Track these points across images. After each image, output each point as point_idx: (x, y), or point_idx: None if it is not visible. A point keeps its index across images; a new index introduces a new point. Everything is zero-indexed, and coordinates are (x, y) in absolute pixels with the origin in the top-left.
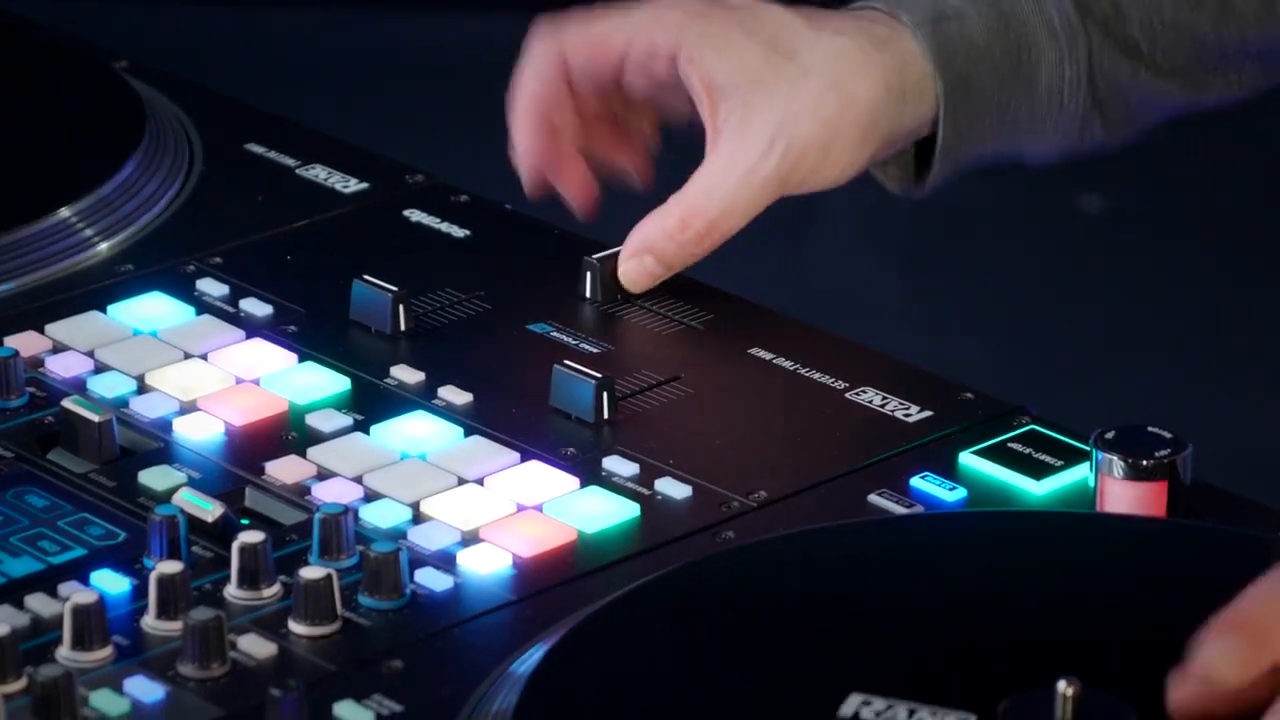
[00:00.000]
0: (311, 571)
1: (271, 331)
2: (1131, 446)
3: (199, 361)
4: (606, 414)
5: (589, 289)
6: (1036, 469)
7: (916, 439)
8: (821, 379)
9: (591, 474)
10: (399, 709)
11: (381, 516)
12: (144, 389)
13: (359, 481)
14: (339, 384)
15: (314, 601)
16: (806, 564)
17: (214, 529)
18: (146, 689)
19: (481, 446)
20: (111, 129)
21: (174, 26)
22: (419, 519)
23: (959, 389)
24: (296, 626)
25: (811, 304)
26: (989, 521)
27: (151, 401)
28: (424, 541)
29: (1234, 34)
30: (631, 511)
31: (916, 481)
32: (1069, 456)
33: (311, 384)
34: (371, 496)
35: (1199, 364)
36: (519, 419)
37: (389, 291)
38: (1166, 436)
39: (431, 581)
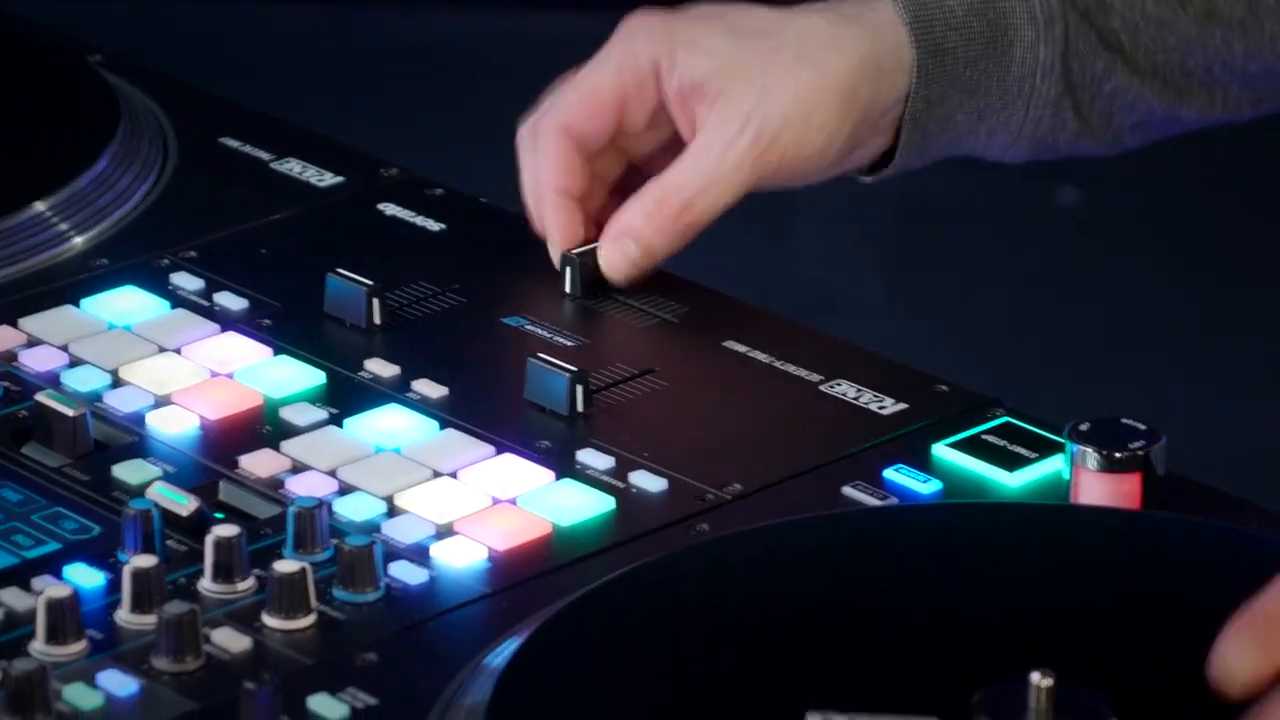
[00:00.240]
0: (286, 565)
1: (246, 325)
2: (1105, 439)
3: (173, 355)
4: (581, 407)
5: (568, 284)
6: (1011, 461)
7: (891, 431)
8: (796, 372)
9: (566, 467)
10: (373, 702)
11: (356, 510)
12: (118, 383)
13: (333, 475)
14: (313, 377)
15: (288, 595)
16: (781, 556)
17: (188, 523)
18: (120, 683)
19: (456, 440)
20: (86, 123)
21: (148, 21)
22: (393, 512)
23: (933, 381)
24: (271, 620)
25: (792, 297)
26: (963, 513)
27: (126, 395)
28: (398, 535)
29: (1218, 44)
30: (606, 504)
31: (890, 474)
32: (1043, 449)
33: (286, 377)
34: (346, 490)
35: (1175, 357)
36: (493, 412)
37: (363, 285)
38: (1141, 429)
39: (406, 575)
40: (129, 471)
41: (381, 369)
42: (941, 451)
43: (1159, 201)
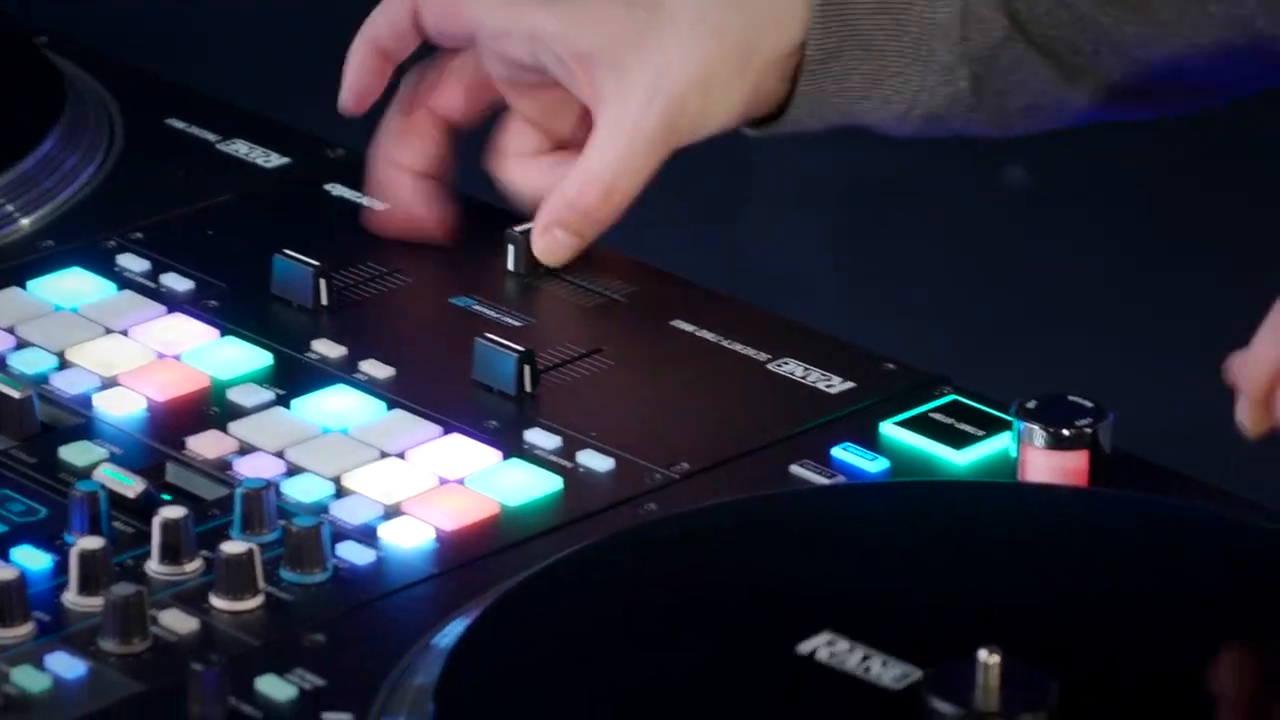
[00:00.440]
0: (233, 546)
1: (193, 306)
2: (1052, 416)
3: (120, 337)
4: (529, 387)
5: (511, 261)
6: (958, 439)
7: (838, 410)
8: (744, 351)
9: (514, 447)
10: (321, 683)
11: (303, 491)
12: (65, 365)
13: (281, 456)
14: (260, 359)
15: (236, 576)
16: (729, 536)
17: (135, 504)
18: (68, 665)
19: (403, 420)
20: (32, 104)
21: (94, 3)
22: (341, 493)
23: (881, 360)
24: (218, 601)
25: (741, 277)
26: (911, 491)
27: (72, 377)
28: (346, 515)
29: (1110, 24)
30: (554, 484)
31: (838, 452)
32: (990, 426)
33: (233, 359)
34: (293, 471)
35: (1122, 335)
36: (441, 392)
37: (310, 266)
38: (1088, 406)
39: (353, 555)
40: (76, 453)
41: (329, 350)
42: (889, 430)
43: (1105, 181)
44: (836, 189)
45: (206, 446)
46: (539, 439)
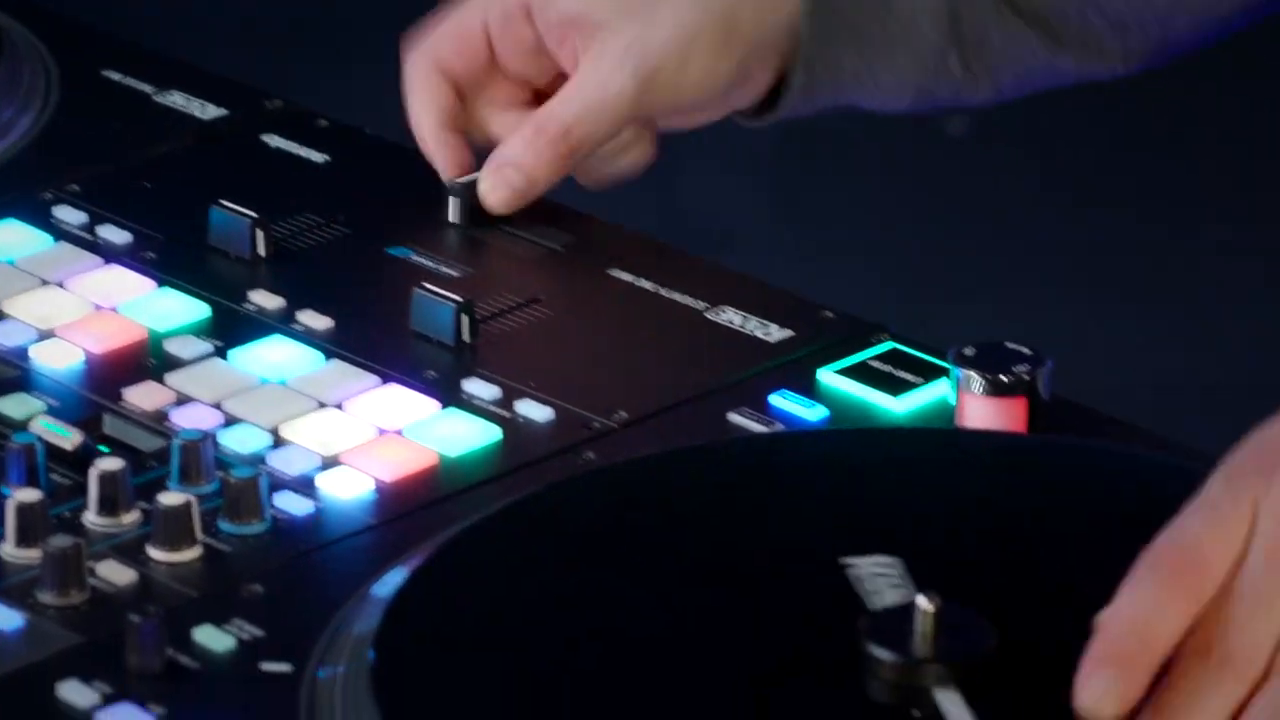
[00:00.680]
0: (171, 498)
1: (129, 258)
2: (990, 363)
3: (56, 289)
4: (467, 337)
5: (453, 214)
6: (896, 386)
7: (777, 358)
8: (682, 300)
9: (452, 397)
10: (260, 634)
11: (241, 442)
12: (1, 317)
13: (218, 407)
14: (198, 310)
15: (173, 527)
16: (667, 484)
17: (72, 456)
18: (5, 617)
19: (341, 371)
20: None
21: None
22: (279, 444)
23: (819, 308)
24: (156, 553)
25: (680, 226)
26: (849, 439)
27: (9, 329)
28: (284, 466)
29: None
30: (493, 434)
31: (776, 400)
32: (928, 374)
33: (170, 310)
34: (231, 422)
35: (1060, 282)
36: (379, 343)
37: (248, 217)
38: (1025, 353)
39: (292, 506)
40: (12, 405)
41: (266, 301)
42: (827, 378)
43: (1046, 129)
44: (774, 137)
45: (144, 398)
46: (477, 389)
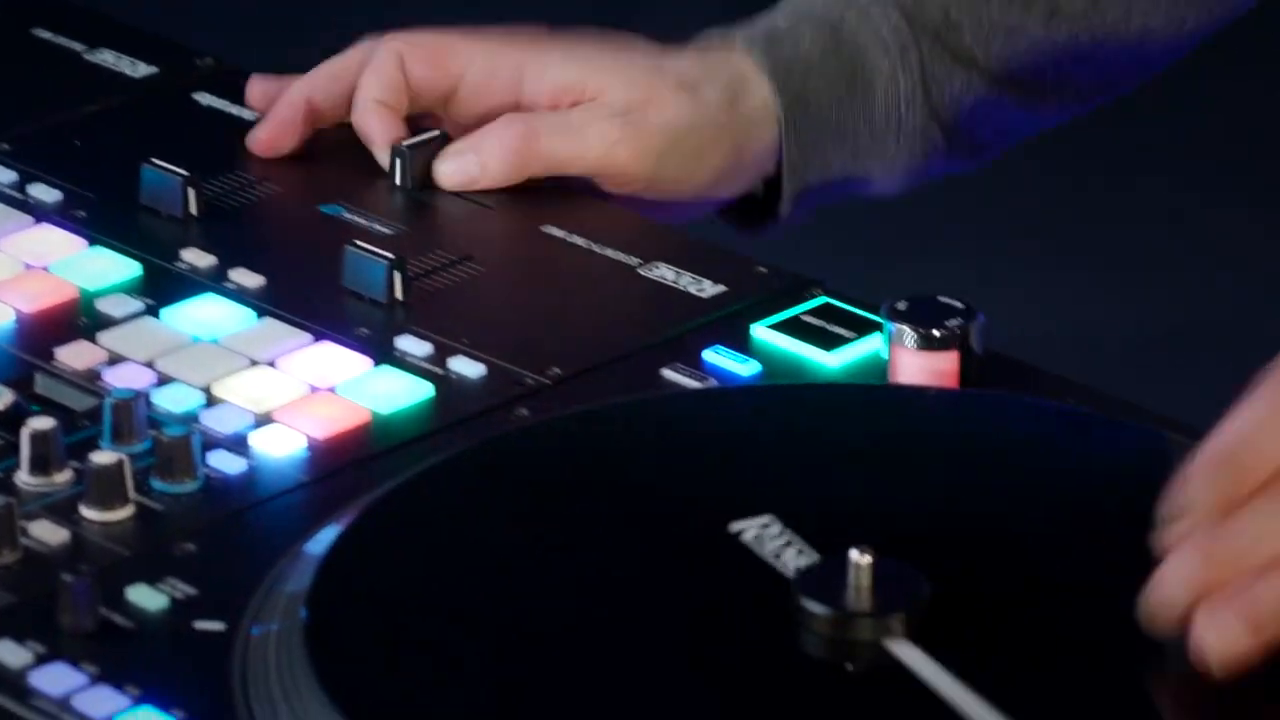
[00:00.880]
0: (103, 457)
1: (60, 217)
2: (923, 317)
3: None
4: (399, 294)
5: (399, 176)
6: (829, 341)
7: (710, 313)
8: (615, 255)
9: (385, 354)
10: (193, 592)
11: (174, 400)
12: None
13: (150, 366)
14: (130, 269)
15: (106, 487)
16: (601, 440)
17: (4, 416)
18: None
19: (274, 328)
20: None
21: None
22: (211, 402)
23: (752, 263)
24: (88, 512)
25: None
26: (782, 394)
27: None
28: (217, 424)
29: (1064, 40)
30: (425, 391)
31: (709, 355)
32: (861, 328)
33: (102, 269)
34: (163, 380)
35: (992, 237)
36: (311, 300)
37: (179, 175)
38: (958, 307)
39: (224, 464)
40: None
41: (198, 259)
42: (760, 333)
43: None
44: None
45: (75, 357)
46: (410, 346)
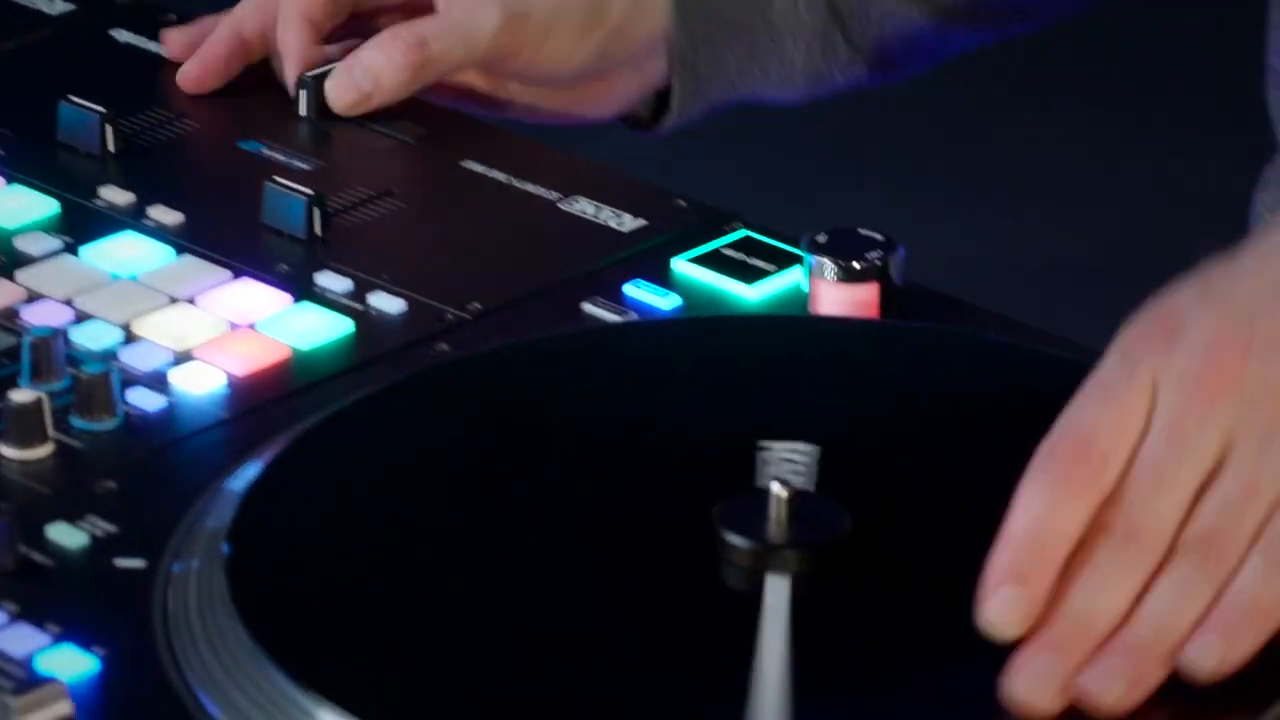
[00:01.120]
0: (21, 395)
1: None
2: (843, 249)
3: None
4: (318, 230)
5: (303, 106)
6: (750, 274)
7: (630, 247)
8: (535, 190)
9: (304, 290)
10: (113, 530)
11: (92, 338)
12: None
13: (69, 304)
14: (47, 206)
15: (25, 425)
16: (521, 375)
17: None
18: None
19: (193, 265)
20: None
21: None
22: (131, 339)
23: (672, 197)
24: (7, 450)
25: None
26: (703, 327)
27: None
28: (136, 362)
29: None
30: (345, 327)
31: (630, 289)
32: (782, 261)
33: (19, 207)
34: (82, 318)
35: (911, 169)
36: (230, 237)
37: (96, 112)
38: (878, 239)
39: (144, 402)
40: None
41: (116, 196)
42: (681, 266)
43: None
44: None
45: None
46: (330, 282)
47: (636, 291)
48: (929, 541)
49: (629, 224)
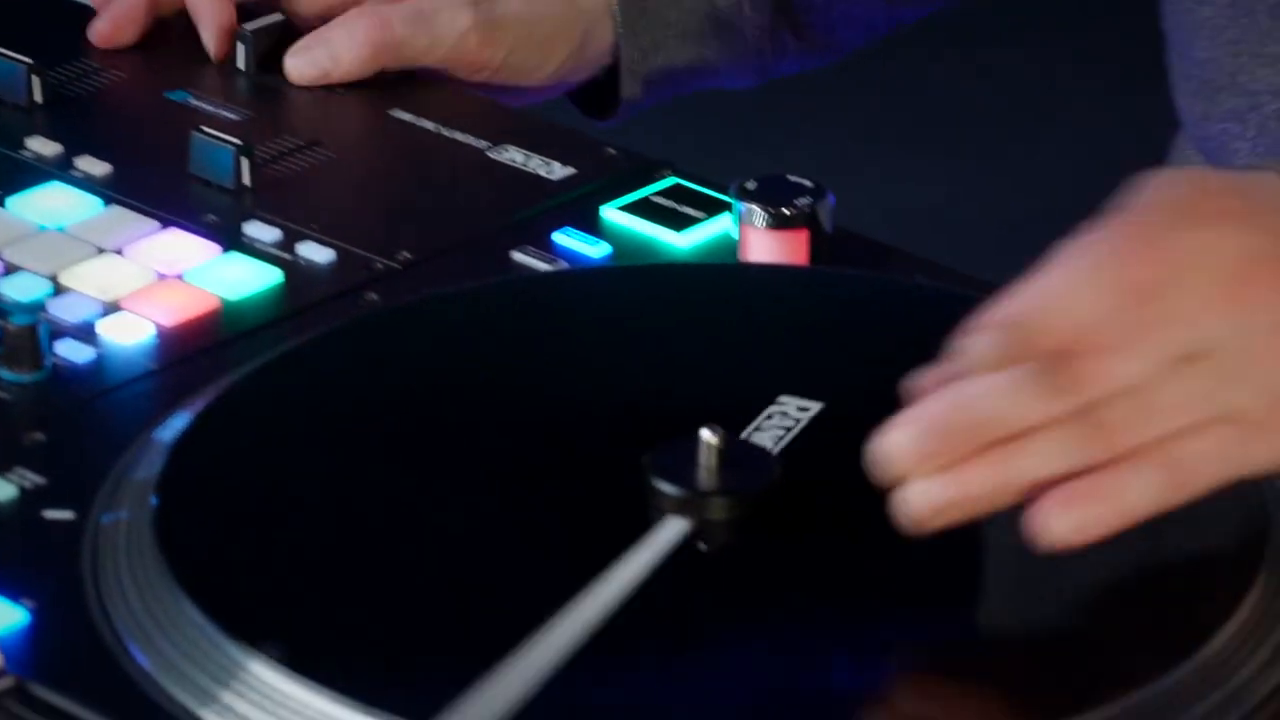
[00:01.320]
0: None
1: None
2: (772, 196)
3: None
4: (247, 180)
5: (241, 60)
6: (679, 221)
7: (559, 195)
8: (463, 139)
9: (233, 241)
10: (42, 481)
11: (20, 289)
12: None
13: None
14: None
15: None
16: (451, 324)
17: None
18: None
19: (121, 216)
20: None
21: None
22: (59, 291)
23: (601, 145)
24: None
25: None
26: (633, 275)
27: None
28: (64, 313)
29: None
30: (274, 277)
31: (559, 237)
32: (711, 208)
33: None
34: (10, 270)
35: (842, 123)
36: (158, 188)
37: (23, 63)
38: (807, 185)
39: (72, 353)
40: None
41: (43, 147)
42: (610, 214)
43: None
44: None
45: None
46: (258, 232)
47: (566, 240)
48: (859, 488)
49: (558, 172)
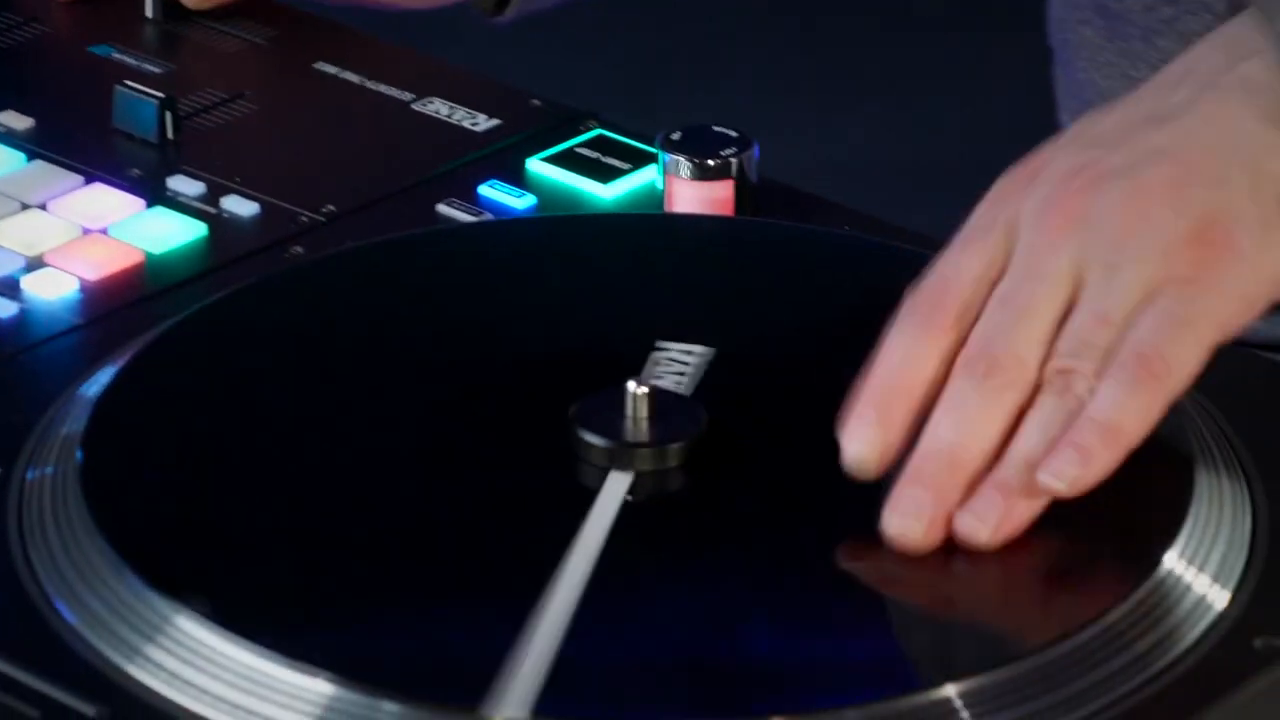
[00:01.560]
0: None
1: None
2: (697, 147)
3: None
4: (170, 134)
5: (149, 7)
6: (604, 173)
7: (484, 147)
8: (388, 91)
9: (157, 195)
10: None
11: None
12: None
13: None
14: None
15: None
16: (377, 277)
17: None
18: None
19: (44, 171)
20: None
21: None
22: None
23: (526, 96)
24: None
25: (385, 17)
26: (558, 226)
27: None
28: None
29: None
30: (199, 231)
31: (485, 190)
32: (637, 160)
33: None
34: None
35: (764, 67)
36: (81, 142)
37: None
38: (732, 135)
39: None
40: None
41: None
42: (535, 166)
43: None
44: None
45: None
46: (183, 186)
47: (491, 191)
48: (786, 439)
49: (483, 124)
